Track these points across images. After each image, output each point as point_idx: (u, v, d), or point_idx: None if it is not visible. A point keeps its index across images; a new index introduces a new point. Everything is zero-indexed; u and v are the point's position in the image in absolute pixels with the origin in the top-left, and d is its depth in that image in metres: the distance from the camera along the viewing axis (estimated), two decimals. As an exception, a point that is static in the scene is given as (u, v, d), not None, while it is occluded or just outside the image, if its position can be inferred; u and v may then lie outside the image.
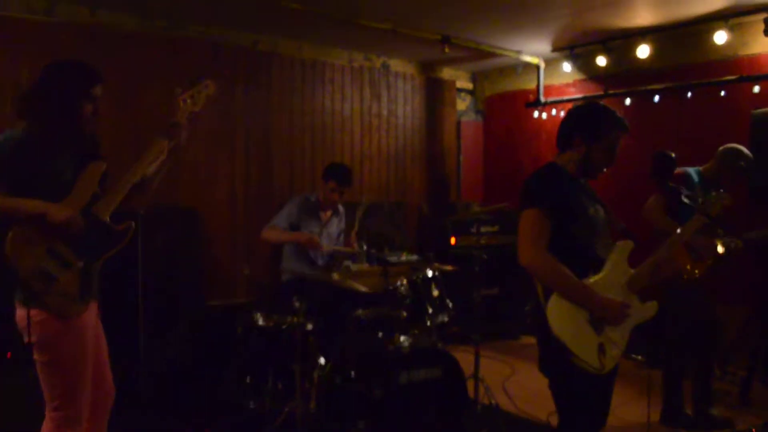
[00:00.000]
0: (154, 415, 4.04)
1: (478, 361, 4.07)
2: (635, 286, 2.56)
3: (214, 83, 2.82)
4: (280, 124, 5.74)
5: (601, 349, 2.42)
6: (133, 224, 2.60)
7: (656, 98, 5.79)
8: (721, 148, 4.07)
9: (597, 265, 2.52)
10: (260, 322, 3.77)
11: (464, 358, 4.18)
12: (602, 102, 6.15)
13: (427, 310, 3.72)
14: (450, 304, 3.84)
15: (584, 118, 2.64)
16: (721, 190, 2.72)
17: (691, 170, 4.03)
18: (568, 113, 2.70)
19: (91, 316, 2.59)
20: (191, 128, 2.84)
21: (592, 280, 2.47)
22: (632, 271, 2.58)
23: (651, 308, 2.61)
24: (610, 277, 2.51)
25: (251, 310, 3.98)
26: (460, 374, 3.56)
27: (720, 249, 3.81)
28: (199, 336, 4.59)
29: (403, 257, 5.68)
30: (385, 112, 6.54)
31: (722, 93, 5.43)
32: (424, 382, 3.41)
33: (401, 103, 6.69)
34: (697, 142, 5.30)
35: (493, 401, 4.10)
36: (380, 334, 3.73)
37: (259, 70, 5.60)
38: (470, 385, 4.12)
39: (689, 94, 5.60)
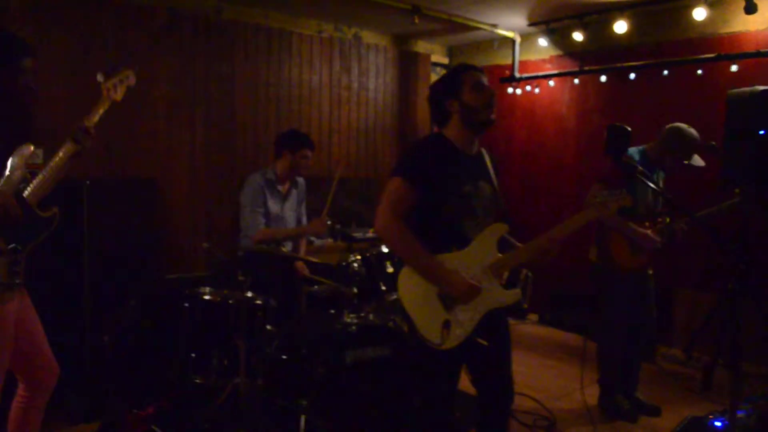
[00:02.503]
0: (98, 392, 3.91)
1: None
2: (499, 270, 2.50)
3: (134, 75, 2.80)
4: (244, 95, 5.56)
5: (446, 326, 2.40)
6: (57, 210, 2.52)
7: (632, 76, 5.65)
8: (667, 126, 3.93)
9: (463, 243, 2.48)
10: (206, 296, 3.65)
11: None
12: (577, 79, 6.09)
13: (380, 287, 3.59)
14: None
15: (439, 83, 2.63)
16: (624, 190, 2.57)
17: (633, 150, 3.88)
18: (429, 96, 2.67)
19: (15, 302, 2.47)
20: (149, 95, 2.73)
21: (447, 255, 2.43)
22: (499, 254, 2.51)
23: (512, 295, 2.54)
24: (473, 256, 2.46)
25: (200, 285, 3.87)
26: (410, 353, 3.44)
27: (657, 237, 3.72)
28: (151, 310, 4.46)
29: (370, 233, 5.57)
30: (355, 85, 6.36)
31: (699, 72, 5.31)
32: (371, 361, 3.30)
33: (373, 76, 6.51)
34: (672, 121, 5.17)
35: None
36: (332, 311, 3.63)
37: (221, 40, 5.39)
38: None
39: (666, 72, 5.47)
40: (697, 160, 3.89)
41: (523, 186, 6.62)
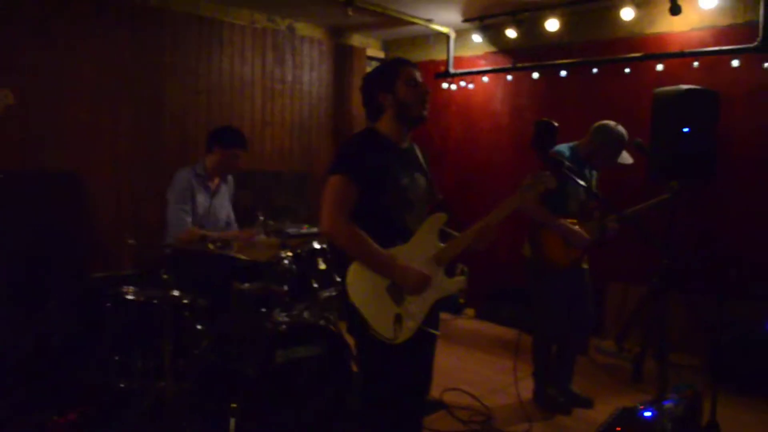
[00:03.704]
0: (15, 399, 3.67)
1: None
2: (442, 260, 2.54)
3: (11, 93, 2.86)
4: (172, 85, 5.35)
5: (398, 320, 2.42)
6: None
7: (563, 73, 5.73)
8: (595, 124, 3.96)
9: (405, 236, 2.50)
10: (129, 295, 3.47)
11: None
12: (510, 75, 6.14)
13: (312, 285, 3.50)
14: (338, 279, 3.63)
15: (374, 75, 2.64)
16: (548, 173, 2.60)
17: (563, 147, 3.90)
18: (362, 86, 2.65)
19: None
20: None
21: (392, 250, 2.45)
22: (441, 244, 2.55)
23: (457, 283, 2.61)
24: (416, 248, 2.50)
25: (127, 283, 3.69)
26: (344, 351, 3.37)
27: (588, 235, 3.77)
28: (73, 311, 4.23)
29: (304, 229, 5.46)
30: (289, 78, 6.23)
31: (627, 70, 5.43)
32: (303, 360, 3.20)
33: (307, 69, 6.39)
34: (601, 118, 5.26)
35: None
36: (263, 310, 3.51)
37: (148, 28, 5.16)
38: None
39: (595, 70, 5.57)
40: (626, 158, 3.94)
41: (457, 181, 6.62)
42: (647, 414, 3.31)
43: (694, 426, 3.43)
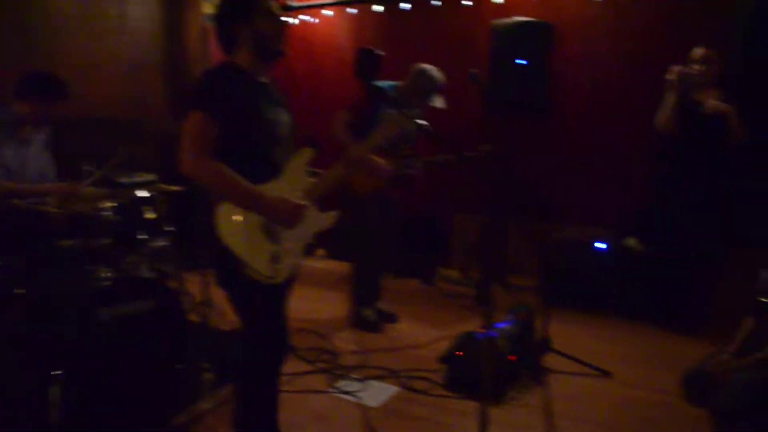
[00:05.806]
0: None
1: (208, 286, 3.73)
2: (313, 195, 2.52)
3: None
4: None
5: (275, 258, 2.36)
6: None
7: (405, 6, 5.67)
8: (414, 66, 4.07)
9: (276, 172, 2.43)
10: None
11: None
12: (354, 9, 6.00)
13: (138, 236, 3.27)
14: (170, 228, 3.42)
15: (229, 5, 2.46)
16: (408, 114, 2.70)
17: (385, 85, 4.03)
18: (216, 16, 2.47)
19: None
20: None
21: (264, 186, 2.36)
22: (311, 179, 2.53)
23: (329, 218, 2.62)
24: (287, 184, 2.45)
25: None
26: (176, 302, 3.21)
27: (390, 169, 3.87)
28: None
29: (138, 178, 5.11)
30: (113, 12, 5.69)
31: (466, 2, 5.45)
32: (132, 317, 3.00)
33: (136, 3, 5.87)
34: (442, 53, 5.28)
35: (229, 327, 3.82)
36: (87, 267, 3.25)
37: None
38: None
39: (436, 3, 5.55)
40: (439, 102, 4.07)
41: (301, 118, 6.44)
42: (485, 336, 3.47)
43: (528, 342, 3.64)
